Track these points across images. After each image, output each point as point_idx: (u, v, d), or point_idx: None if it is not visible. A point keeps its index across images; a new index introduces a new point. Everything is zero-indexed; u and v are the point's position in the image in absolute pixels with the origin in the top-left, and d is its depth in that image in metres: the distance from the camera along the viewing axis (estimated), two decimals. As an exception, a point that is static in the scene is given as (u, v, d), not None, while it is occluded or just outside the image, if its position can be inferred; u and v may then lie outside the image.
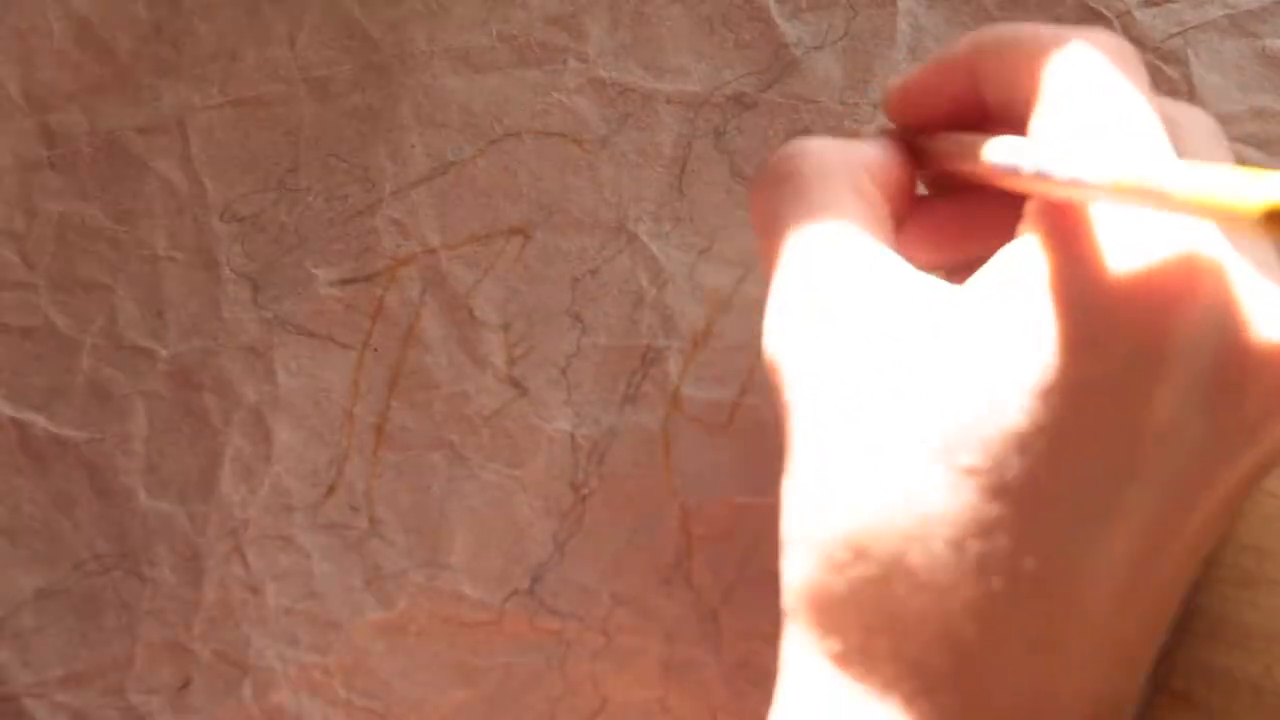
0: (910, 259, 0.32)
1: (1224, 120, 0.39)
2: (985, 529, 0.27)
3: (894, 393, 0.29)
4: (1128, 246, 0.27)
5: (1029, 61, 0.30)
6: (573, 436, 0.41)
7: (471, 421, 0.41)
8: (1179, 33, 0.40)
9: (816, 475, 0.30)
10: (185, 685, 0.41)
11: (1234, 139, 0.39)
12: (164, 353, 0.42)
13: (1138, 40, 0.40)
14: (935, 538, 0.28)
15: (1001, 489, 0.27)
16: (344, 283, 0.42)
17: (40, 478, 0.42)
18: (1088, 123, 0.29)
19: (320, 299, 0.42)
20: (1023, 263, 0.28)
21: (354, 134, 0.43)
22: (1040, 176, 0.28)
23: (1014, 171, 0.29)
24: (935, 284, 0.30)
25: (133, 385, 0.42)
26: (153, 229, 0.43)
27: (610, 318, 0.41)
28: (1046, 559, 0.28)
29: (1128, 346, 0.27)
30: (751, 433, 0.41)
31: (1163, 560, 0.29)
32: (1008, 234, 0.30)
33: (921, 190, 0.36)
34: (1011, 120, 0.31)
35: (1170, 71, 0.40)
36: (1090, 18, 0.40)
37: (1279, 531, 0.38)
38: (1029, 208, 0.29)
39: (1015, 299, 0.28)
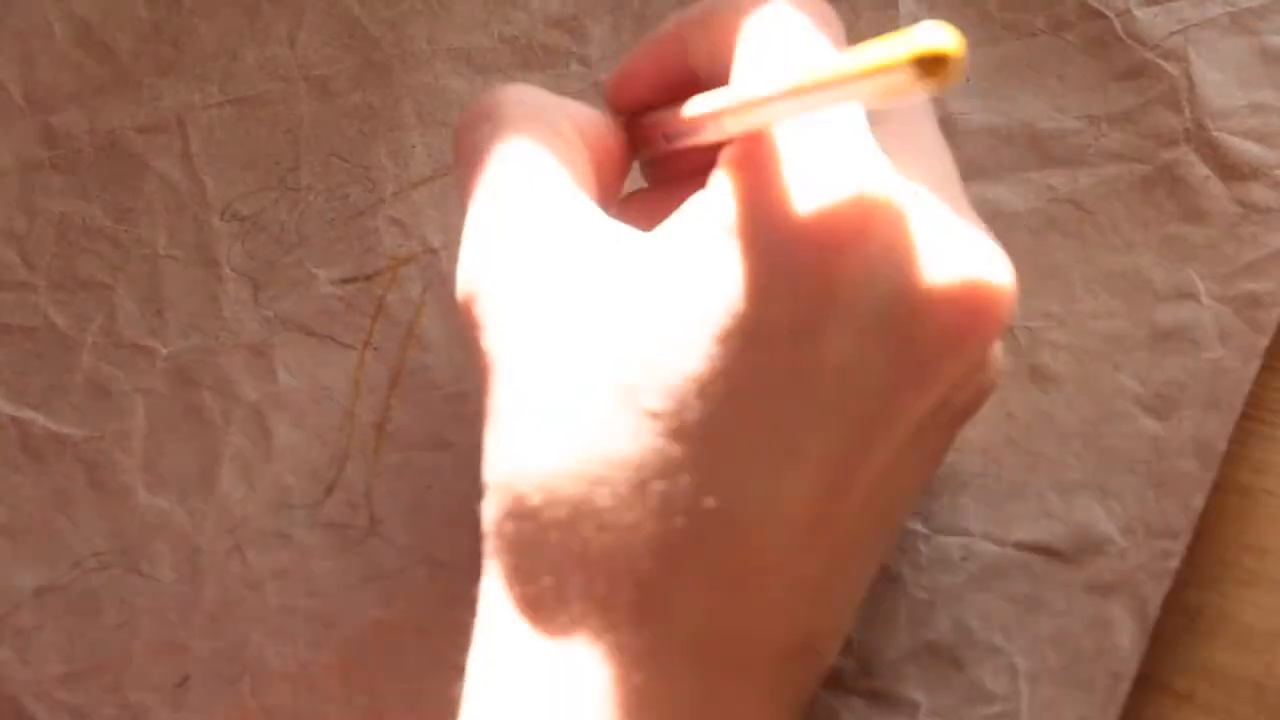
0: None
1: (1224, 115, 0.39)
2: (667, 470, 0.28)
3: (583, 336, 0.29)
4: (804, 190, 0.28)
5: (730, 25, 0.31)
6: (573, 435, 0.41)
7: (472, 421, 0.41)
8: (1179, 30, 0.40)
9: (510, 418, 0.30)
10: (184, 683, 0.41)
11: (1234, 134, 0.39)
12: (164, 351, 0.42)
13: (1138, 38, 0.40)
14: (620, 480, 0.28)
15: (682, 431, 0.28)
16: (344, 282, 0.42)
17: (39, 476, 0.42)
18: (777, 59, 0.29)
19: (321, 298, 0.42)
20: (706, 209, 0.29)
21: (355, 133, 0.43)
22: (732, 109, 0.29)
23: (713, 116, 0.30)
24: (626, 229, 0.31)
25: (132, 383, 0.42)
26: (153, 228, 0.43)
27: (610, 316, 0.41)
28: (727, 498, 0.28)
29: (800, 289, 0.28)
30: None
31: (847, 499, 0.29)
32: None
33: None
34: (720, 86, 0.32)
35: (1170, 69, 0.40)
36: (1090, 17, 0.41)
37: (1279, 531, 0.38)
38: (720, 159, 0.30)
39: (696, 244, 0.29)
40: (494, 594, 0.31)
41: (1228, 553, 0.38)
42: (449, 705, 0.40)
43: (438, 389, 0.41)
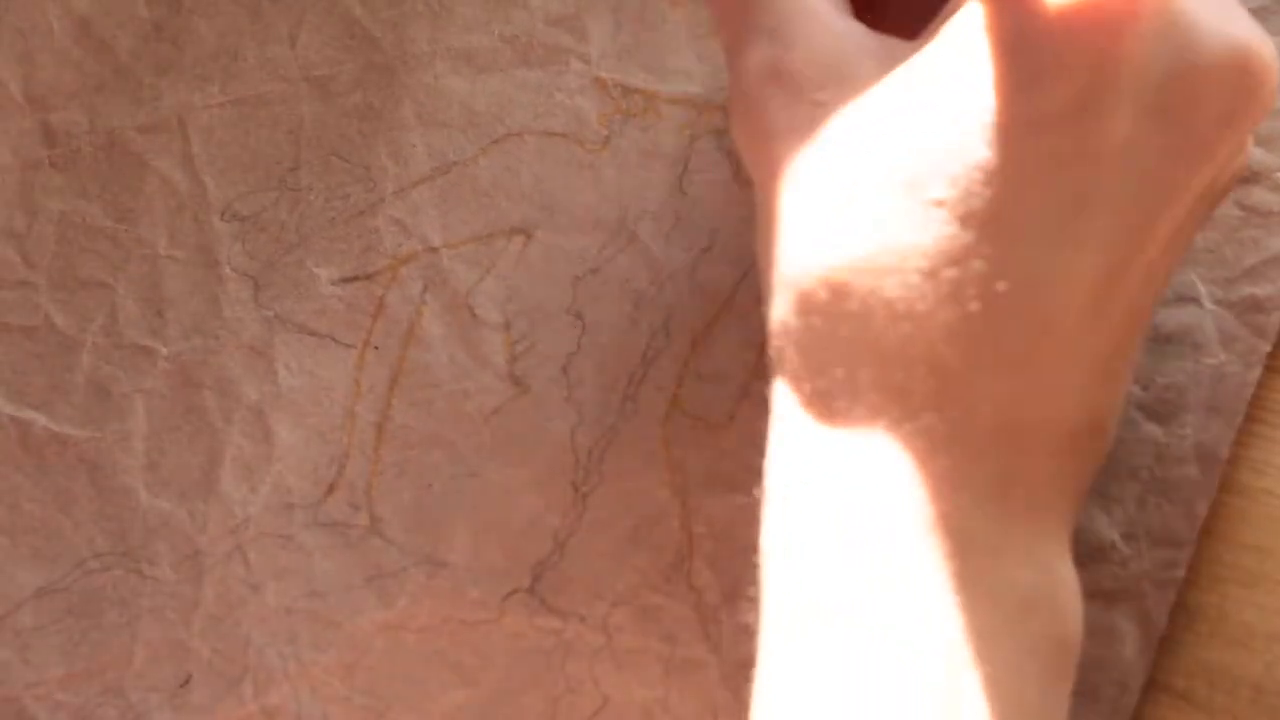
0: None
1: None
2: (957, 257, 0.29)
3: (861, 136, 0.30)
4: None
5: None
6: (573, 435, 0.41)
7: (472, 420, 0.41)
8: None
9: (790, 222, 0.31)
10: (185, 683, 0.41)
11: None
12: (164, 351, 0.42)
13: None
14: (911, 269, 0.29)
15: (970, 218, 0.29)
16: (345, 281, 0.42)
17: (40, 476, 0.42)
18: None
19: (321, 298, 0.42)
20: (975, 6, 0.30)
21: (355, 133, 0.43)
22: None
23: None
24: (892, 39, 0.32)
25: (133, 384, 0.42)
26: (153, 228, 0.43)
27: (611, 316, 0.41)
28: (1018, 281, 0.29)
29: (1079, 75, 0.28)
30: (752, 432, 0.41)
31: (1129, 278, 0.30)
32: None
33: None
34: None
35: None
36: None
37: (1279, 531, 0.38)
38: None
39: (970, 39, 0.29)
40: (783, 400, 0.32)
41: (1228, 553, 0.38)
42: (449, 705, 0.40)
43: (438, 388, 0.41)
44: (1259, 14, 0.39)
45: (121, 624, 0.41)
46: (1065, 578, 0.31)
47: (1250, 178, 0.39)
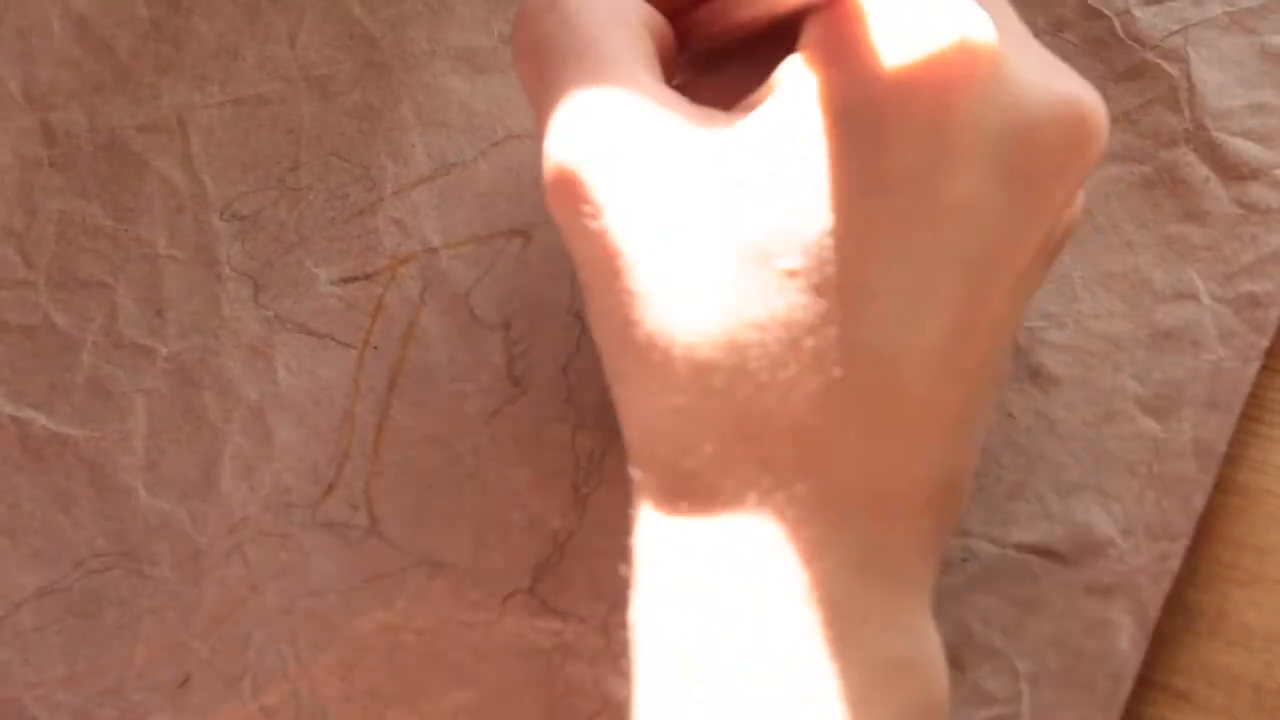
0: None
1: (1224, 116, 0.39)
2: (815, 325, 0.29)
3: (710, 209, 0.30)
4: (903, 40, 0.29)
5: None
6: (573, 436, 0.41)
7: (472, 420, 0.41)
8: (1179, 30, 0.40)
9: (639, 302, 0.30)
10: (184, 683, 0.41)
11: (1234, 134, 0.39)
12: (164, 351, 0.42)
13: (1138, 38, 0.40)
14: (770, 340, 0.29)
15: (824, 285, 0.29)
16: (344, 281, 0.42)
17: (40, 476, 0.42)
18: None
19: (321, 297, 0.42)
20: (805, 74, 0.30)
21: (355, 133, 0.43)
22: None
23: None
24: (717, 112, 0.32)
25: (133, 383, 0.42)
26: (153, 227, 0.43)
27: (611, 316, 0.41)
28: (875, 344, 0.29)
29: (915, 136, 0.29)
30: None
31: (978, 332, 0.31)
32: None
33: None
34: None
35: (1170, 68, 0.40)
36: (1090, 17, 0.41)
37: (1279, 531, 0.38)
38: (807, 24, 0.31)
39: (804, 105, 0.30)
40: (645, 491, 0.32)
41: (1227, 553, 0.38)
42: (449, 706, 0.40)
43: (437, 388, 0.41)
44: (1257, 12, 0.40)
45: (121, 624, 0.41)
46: (930, 641, 0.32)
47: (1249, 174, 0.39)
